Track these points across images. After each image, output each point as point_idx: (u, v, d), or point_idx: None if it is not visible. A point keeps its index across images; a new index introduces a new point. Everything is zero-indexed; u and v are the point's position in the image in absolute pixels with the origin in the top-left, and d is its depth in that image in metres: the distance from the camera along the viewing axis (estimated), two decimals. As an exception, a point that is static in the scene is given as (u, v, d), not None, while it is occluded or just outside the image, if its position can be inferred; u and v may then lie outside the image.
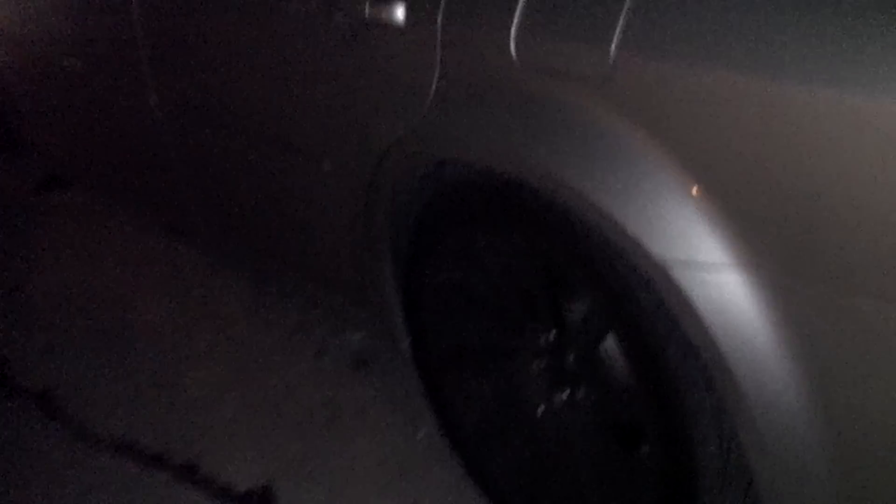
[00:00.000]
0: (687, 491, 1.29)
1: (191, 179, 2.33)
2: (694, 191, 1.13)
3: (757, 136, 1.07)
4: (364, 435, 2.05)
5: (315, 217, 1.90)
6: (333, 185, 1.76)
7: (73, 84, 2.67)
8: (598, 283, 1.32)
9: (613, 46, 1.17)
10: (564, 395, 1.54)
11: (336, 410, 2.14)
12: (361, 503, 1.85)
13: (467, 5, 1.39)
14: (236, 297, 2.67)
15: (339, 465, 1.97)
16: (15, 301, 2.85)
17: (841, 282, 1.05)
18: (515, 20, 1.29)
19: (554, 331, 1.51)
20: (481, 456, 1.75)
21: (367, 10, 1.50)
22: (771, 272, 1.10)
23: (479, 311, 1.64)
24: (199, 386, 2.31)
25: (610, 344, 1.38)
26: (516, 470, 1.67)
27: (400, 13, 1.46)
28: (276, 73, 1.79)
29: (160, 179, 2.49)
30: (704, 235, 1.13)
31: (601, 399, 1.47)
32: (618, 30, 1.17)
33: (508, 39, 1.30)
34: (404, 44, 1.48)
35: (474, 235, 1.54)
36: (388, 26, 1.48)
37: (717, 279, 1.13)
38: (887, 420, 1.09)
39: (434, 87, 1.44)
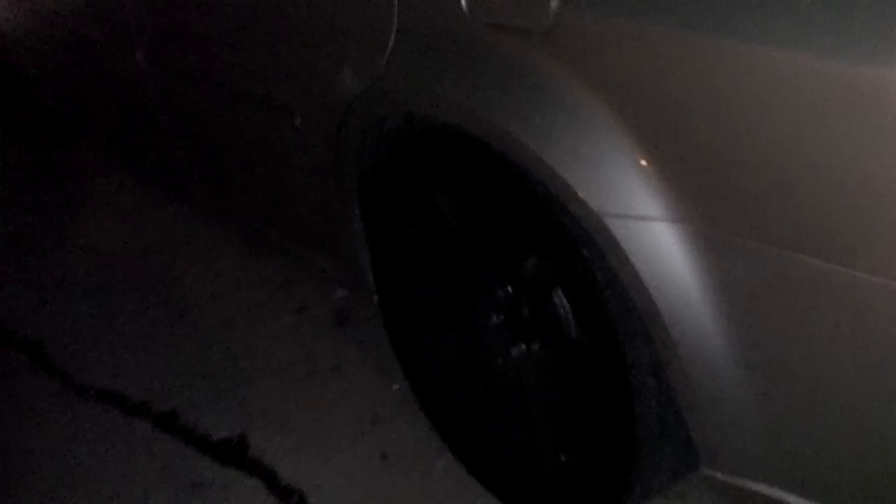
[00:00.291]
0: (629, 440, 1.31)
1: (179, 136, 2.35)
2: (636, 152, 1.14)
3: (691, 91, 1.07)
4: (339, 388, 2.09)
5: (290, 173, 1.93)
6: (305, 141, 1.78)
7: (70, 44, 2.70)
8: (544, 237, 1.33)
9: (556, 1, 1.17)
10: (521, 348, 1.56)
11: (314, 364, 2.18)
12: (330, 452, 1.90)
13: (423, -41, 1.39)
14: (226, 254, 2.72)
15: (313, 416, 2.01)
16: (11, 257, 2.91)
17: (769, 237, 1.06)
18: (468, -26, 1.30)
19: (510, 285, 1.54)
20: (444, 407, 1.78)
21: (329, -35, 1.51)
22: (703, 226, 1.11)
23: (442, 266, 1.66)
24: (183, 338, 2.36)
25: (558, 297, 1.40)
26: (476, 421, 1.70)
27: (359, -32, 1.47)
28: (248, 29, 1.80)
29: (151, 137, 2.51)
30: (639, 189, 1.14)
31: (553, 351, 1.49)
32: None
33: None
34: (365, -2, 1.49)
35: (433, 190, 1.56)
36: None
37: (651, 233, 1.14)
38: (813, 372, 1.10)
39: (391, 41, 1.45)
